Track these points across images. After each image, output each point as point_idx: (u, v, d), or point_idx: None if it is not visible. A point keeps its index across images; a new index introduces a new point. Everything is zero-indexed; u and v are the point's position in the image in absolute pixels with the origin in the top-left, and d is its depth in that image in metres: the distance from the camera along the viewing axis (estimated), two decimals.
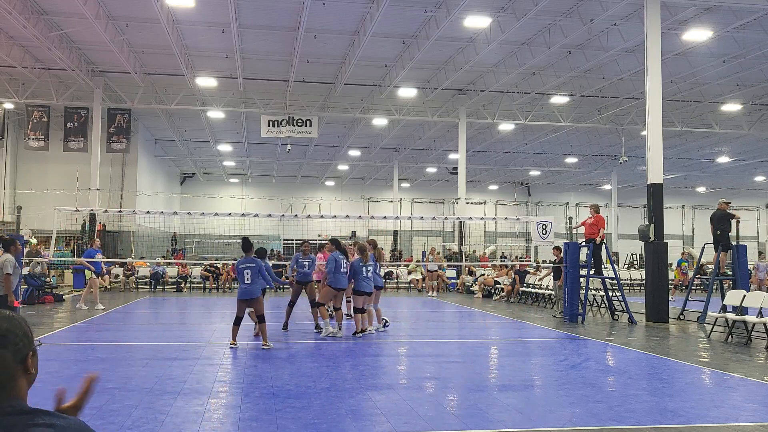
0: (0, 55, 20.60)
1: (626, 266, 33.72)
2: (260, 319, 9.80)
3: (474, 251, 33.87)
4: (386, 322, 12.48)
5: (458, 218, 23.23)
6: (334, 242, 11.44)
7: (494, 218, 23.86)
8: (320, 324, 11.64)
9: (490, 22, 17.77)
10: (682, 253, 28.25)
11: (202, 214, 16.27)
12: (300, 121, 25.20)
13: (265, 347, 9.55)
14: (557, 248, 16.12)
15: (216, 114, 26.98)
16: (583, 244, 15.12)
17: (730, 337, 11.23)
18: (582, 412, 6.03)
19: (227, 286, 23.90)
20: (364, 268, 11.14)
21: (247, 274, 9.70)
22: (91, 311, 15.30)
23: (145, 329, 12.66)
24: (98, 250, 16.93)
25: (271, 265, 12.20)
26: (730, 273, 14.38)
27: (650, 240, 14.41)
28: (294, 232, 33.68)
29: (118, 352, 9.54)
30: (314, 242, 16.33)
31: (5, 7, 16.17)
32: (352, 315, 11.84)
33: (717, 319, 12.14)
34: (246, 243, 10.05)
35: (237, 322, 9.81)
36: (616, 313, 15.03)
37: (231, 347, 9.61)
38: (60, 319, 13.77)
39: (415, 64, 20.87)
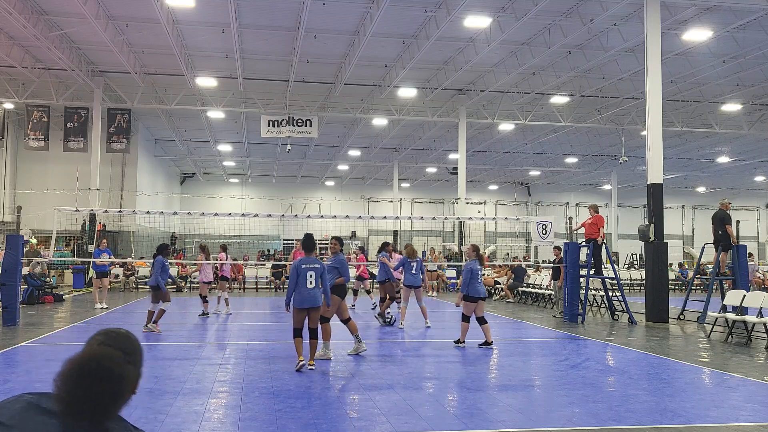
0: (0, 55, 20.60)
1: (626, 266, 33.73)
2: (312, 333, 8.18)
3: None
4: (391, 319, 12.65)
5: (458, 218, 23.22)
6: (339, 240, 9.60)
7: (494, 218, 23.82)
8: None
9: (490, 22, 17.76)
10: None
11: (202, 214, 16.26)
12: (300, 121, 25.19)
13: (311, 367, 8.03)
14: (557, 248, 16.13)
15: (216, 114, 26.97)
16: (583, 244, 15.12)
17: (730, 337, 11.24)
18: (582, 412, 6.03)
19: (227, 286, 23.85)
20: (479, 272, 10.18)
21: (311, 276, 8.11)
22: (92, 311, 15.32)
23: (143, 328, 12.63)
24: (103, 251, 16.93)
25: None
26: (730, 273, 14.38)
27: (650, 240, 14.41)
28: (294, 232, 33.66)
29: None
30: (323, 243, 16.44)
31: (5, 7, 16.17)
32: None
33: (717, 319, 12.14)
34: (309, 241, 8.51)
35: (298, 333, 8.16)
36: (616, 313, 15.03)
37: (309, 367, 8.04)
38: (60, 319, 13.77)
39: (415, 64, 20.87)
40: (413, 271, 12.54)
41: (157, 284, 11.66)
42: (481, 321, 10.27)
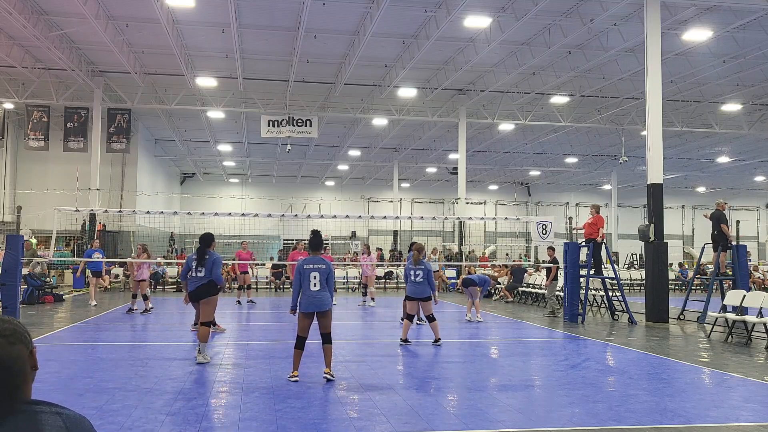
0: (0, 55, 20.60)
1: (626, 266, 33.74)
2: (325, 338, 7.49)
3: (473, 251, 33.88)
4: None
5: (458, 218, 23.21)
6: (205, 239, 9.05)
7: (494, 218, 23.84)
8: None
9: (490, 22, 17.76)
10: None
11: (202, 214, 16.26)
12: (300, 121, 25.19)
13: (328, 376, 7.40)
14: (551, 248, 16.09)
15: (216, 114, 26.97)
16: (583, 244, 15.13)
17: (730, 337, 11.24)
18: (582, 412, 6.03)
19: (227, 286, 23.88)
20: (410, 272, 10.42)
21: (314, 278, 7.38)
22: (90, 311, 15.33)
23: (144, 329, 12.66)
24: (95, 250, 17.26)
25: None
26: (730, 273, 14.39)
27: (650, 240, 14.41)
28: (294, 232, 33.66)
29: (118, 352, 9.54)
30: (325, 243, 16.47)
31: (5, 7, 16.17)
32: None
33: (717, 319, 12.14)
34: (315, 238, 7.70)
35: (300, 344, 7.49)
36: (616, 313, 15.03)
37: (292, 380, 7.38)
38: (60, 319, 13.77)
39: (415, 64, 20.87)
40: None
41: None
42: (429, 319, 10.51)
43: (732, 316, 11.40)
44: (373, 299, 18.42)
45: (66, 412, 1.60)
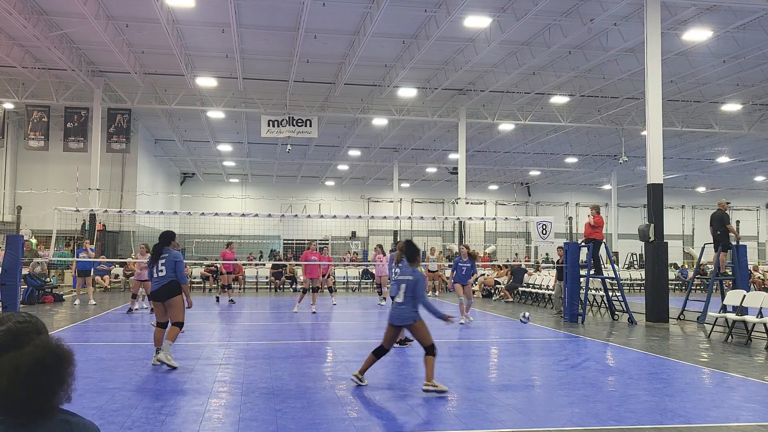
0: (0, 55, 20.60)
1: (626, 266, 33.74)
2: (427, 350, 7.07)
3: (476, 251, 33.89)
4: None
5: (458, 218, 23.22)
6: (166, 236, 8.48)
7: (494, 218, 23.86)
8: None
9: (490, 22, 17.76)
10: None
11: (202, 214, 16.28)
12: (300, 121, 25.19)
13: (428, 388, 6.90)
14: (561, 248, 16.10)
15: (216, 114, 26.97)
16: (583, 244, 15.12)
17: (730, 337, 11.24)
18: (582, 412, 6.03)
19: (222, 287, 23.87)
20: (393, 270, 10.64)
21: (401, 289, 7.04)
22: (90, 311, 15.33)
23: (145, 329, 12.65)
24: (83, 249, 17.44)
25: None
26: (730, 273, 14.39)
27: (650, 240, 14.41)
28: (294, 232, 33.74)
29: (118, 352, 9.54)
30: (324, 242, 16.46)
31: (5, 7, 16.17)
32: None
33: (717, 319, 12.14)
34: (410, 249, 7.38)
35: (378, 351, 7.19)
36: (616, 313, 15.03)
37: (354, 380, 7.21)
38: (60, 319, 13.77)
39: (415, 64, 20.87)
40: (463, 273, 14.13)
41: None
42: None
43: (732, 316, 11.40)
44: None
45: (74, 419, 1.56)
